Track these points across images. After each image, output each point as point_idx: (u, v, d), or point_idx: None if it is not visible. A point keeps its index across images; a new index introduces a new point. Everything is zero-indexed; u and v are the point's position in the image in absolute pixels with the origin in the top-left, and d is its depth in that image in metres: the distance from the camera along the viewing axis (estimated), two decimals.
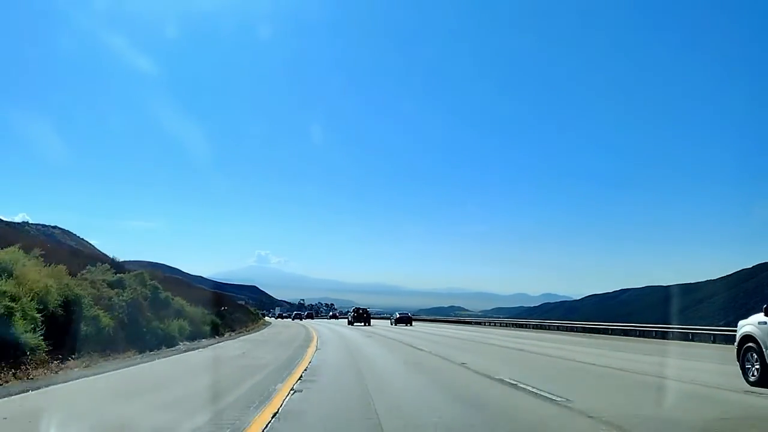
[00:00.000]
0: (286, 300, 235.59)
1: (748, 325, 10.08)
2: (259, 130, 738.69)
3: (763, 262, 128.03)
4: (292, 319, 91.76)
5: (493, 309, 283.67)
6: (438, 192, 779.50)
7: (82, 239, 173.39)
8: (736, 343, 10.42)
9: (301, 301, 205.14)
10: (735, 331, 10.86)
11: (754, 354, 9.76)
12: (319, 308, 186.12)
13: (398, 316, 57.75)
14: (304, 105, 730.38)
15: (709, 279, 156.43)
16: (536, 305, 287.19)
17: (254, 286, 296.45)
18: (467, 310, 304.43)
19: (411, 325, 52.39)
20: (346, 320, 61.32)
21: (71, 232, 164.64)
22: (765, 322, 9.60)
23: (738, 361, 10.25)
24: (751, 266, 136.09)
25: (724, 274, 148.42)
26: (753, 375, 9.75)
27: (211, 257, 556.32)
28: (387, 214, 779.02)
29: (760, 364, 9.60)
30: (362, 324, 52.53)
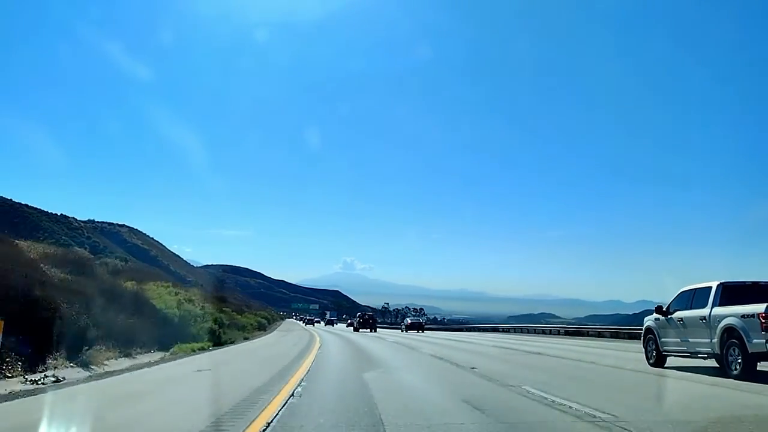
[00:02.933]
0: (370, 305, 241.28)
1: (649, 320, 13.62)
2: (348, 142, 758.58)
3: None
4: (305, 324, 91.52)
5: (586, 317, 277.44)
6: (524, 196, 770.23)
7: (152, 238, 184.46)
8: (642, 335, 13.92)
9: (386, 305, 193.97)
10: None
11: (652, 342, 13.30)
12: (407, 313, 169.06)
13: (409, 322, 57.57)
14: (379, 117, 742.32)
15: None
16: (634, 312, 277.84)
17: (337, 291, 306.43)
18: (559, 317, 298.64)
19: (422, 332, 51.26)
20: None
21: (139, 231, 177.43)
22: (659, 318, 13.14)
23: (643, 348, 13.77)
24: None
25: None
26: (652, 358, 13.31)
27: (300, 264, 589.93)
28: (472, 220, 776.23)
29: (656, 350, 13.12)
30: (368, 330, 53.74)
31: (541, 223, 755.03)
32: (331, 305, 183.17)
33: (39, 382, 10.39)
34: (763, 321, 10.51)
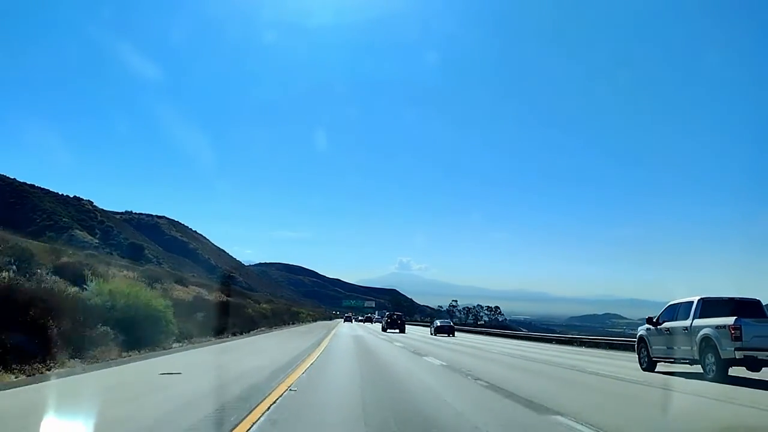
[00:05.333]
0: (428, 305, 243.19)
1: (641, 330, 15.74)
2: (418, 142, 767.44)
3: None
4: (344, 321, 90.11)
5: None
6: (586, 193, 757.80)
7: (194, 231, 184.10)
8: (636, 343, 16.01)
9: (454, 303, 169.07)
10: None
11: (644, 350, 15.39)
12: (479, 312, 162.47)
13: (439, 324, 53.87)
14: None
15: None
16: None
17: (395, 290, 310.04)
18: (625, 318, 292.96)
19: (453, 335, 49.31)
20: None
21: (180, 223, 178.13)
22: (649, 328, 15.22)
23: (637, 355, 15.86)
24: None
25: None
26: (644, 363, 15.41)
27: (357, 265, 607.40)
28: (530, 219, 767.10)
29: (647, 356, 15.22)
30: (396, 330, 52.53)
31: (605, 222, 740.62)
32: (388, 304, 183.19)
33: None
34: (733, 332, 12.56)
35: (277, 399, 8.35)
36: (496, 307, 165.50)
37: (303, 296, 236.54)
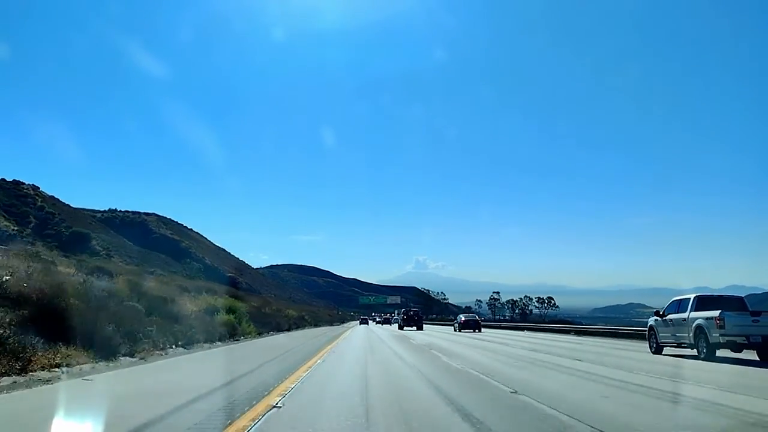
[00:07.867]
0: (451, 302, 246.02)
1: (651, 321, 20.42)
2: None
3: None
4: (360, 324, 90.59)
5: None
6: (597, 185, 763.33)
7: (189, 229, 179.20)
8: (647, 331, 20.68)
9: (495, 296, 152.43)
10: None
11: (653, 337, 20.05)
12: (527, 304, 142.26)
13: (464, 319, 52.03)
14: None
15: None
16: None
17: (416, 288, 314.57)
18: (649, 307, 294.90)
19: (480, 330, 47.85)
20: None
21: (171, 220, 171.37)
22: (657, 319, 19.90)
23: (647, 341, 20.54)
24: None
25: None
26: (652, 347, 20.08)
27: (373, 266, 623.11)
28: (542, 214, 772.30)
29: (655, 342, 19.89)
30: (413, 328, 51.50)
31: (618, 213, 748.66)
32: (411, 304, 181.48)
33: None
34: (718, 322, 17.09)
35: None
36: (549, 298, 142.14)
37: (317, 297, 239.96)
